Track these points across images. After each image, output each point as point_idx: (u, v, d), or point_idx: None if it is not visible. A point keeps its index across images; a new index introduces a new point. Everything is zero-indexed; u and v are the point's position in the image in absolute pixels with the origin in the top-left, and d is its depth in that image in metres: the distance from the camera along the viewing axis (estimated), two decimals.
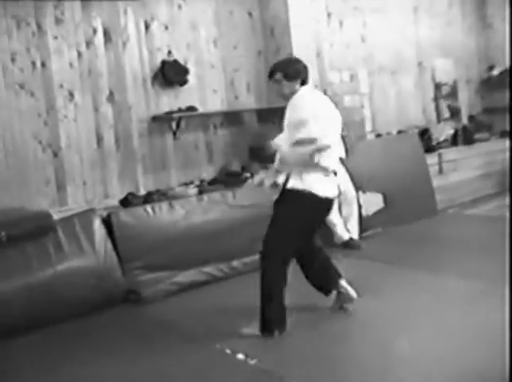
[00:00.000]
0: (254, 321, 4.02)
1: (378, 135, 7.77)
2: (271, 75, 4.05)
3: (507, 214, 6.64)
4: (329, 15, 7.25)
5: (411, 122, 8.26)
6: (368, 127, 7.71)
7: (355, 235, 6.29)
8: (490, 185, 8.21)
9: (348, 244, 6.13)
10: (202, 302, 4.93)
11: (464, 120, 8.94)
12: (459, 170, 7.85)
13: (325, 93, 6.83)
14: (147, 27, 6.14)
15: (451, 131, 8.34)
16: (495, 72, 9.20)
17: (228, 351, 3.78)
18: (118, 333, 4.44)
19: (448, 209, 7.41)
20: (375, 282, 4.88)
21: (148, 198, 5.66)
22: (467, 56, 9.18)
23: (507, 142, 8.52)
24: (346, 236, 6.16)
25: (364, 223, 6.45)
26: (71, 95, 5.72)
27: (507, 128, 8.72)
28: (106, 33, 5.90)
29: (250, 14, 6.85)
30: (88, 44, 5.80)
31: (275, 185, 4.16)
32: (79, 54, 5.75)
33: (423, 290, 4.63)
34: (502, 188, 8.25)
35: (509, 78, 7.00)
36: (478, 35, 9.36)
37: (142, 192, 6.02)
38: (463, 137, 8.27)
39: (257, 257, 5.54)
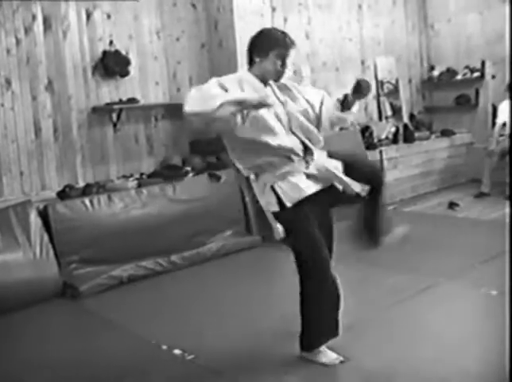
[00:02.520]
0: None
1: None
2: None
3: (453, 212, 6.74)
4: (274, 10, 7.24)
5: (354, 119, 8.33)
6: None
7: None
8: (430, 183, 8.36)
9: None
10: (140, 296, 4.87)
11: (405, 118, 9.07)
12: (400, 168, 7.96)
13: None
14: (89, 16, 6.01)
15: (393, 129, 8.45)
16: (436, 73, 9.36)
17: (165, 347, 3.74)
18: (52, 326, 4.37)
19: (389, 206, 7.51)
20: None
21: (86, 190, 5.55)
22: (409, 56, 9.32)
23: (447, 141, 8.70)
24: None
25: None
26: (8, 83, 5.55)
27: (447, 127, 8.92)
28: (45, 21, 5.74)
29: (194, 6, 6.77)
30: (27, 30, 5.64)
31: None
32: (18, 41, 5.59)
33: (369, 284, 4.68)
34: (441, 185, 8.42)
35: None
36: (420, 35, 9.50)
37: (81, 184, 5.90)
38: (404, 135, 8.38)
39: (196, 251, 5.56)
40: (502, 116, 7.90)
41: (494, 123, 8.11)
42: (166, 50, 6.61)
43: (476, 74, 8.85)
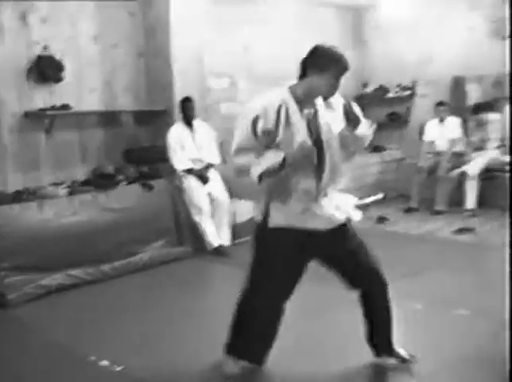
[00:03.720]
0: None
1: None
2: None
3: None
4: (213, 21, 7.27)
5: None
6: None
7: (227, 242, 6.33)
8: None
9: (218, 251, 6.17)
10: (68, 306, 4.82)
11: None
12: None
13: (204, 99, 6.91)
14: (24, 19, 5.91)
15: None
16: (369, 90, 9.57)
17: (93, 358, 3.70)
18: None
19: None
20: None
21: (16, 197, 5.43)
22: None
23: (378, 157, 8.91)
24: (216, 243, 6.20)
25: (237, 230, 6.50)
26: None
27: (379, 143, 9.12)
28: None
29: (131, 13, 6.74)
30: None
31: None
32: None
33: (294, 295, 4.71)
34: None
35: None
36: (354, 51, 9.70)
37: (11, 190, 5.77)
38: None
39: (126, 261, 5.52)
40: (430, 134, 8.17)
41: (422, 141, 8.35)
42: (102, 57, 6.55)
43: (407, 92, 9.11)
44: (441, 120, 8.07)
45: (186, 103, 6.24)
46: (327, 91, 3.14)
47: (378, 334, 3.44)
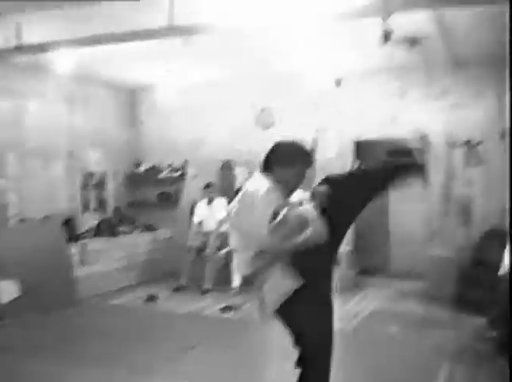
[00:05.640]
0: None
1: (22, 220, 7.58)
2: None
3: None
4: None
5: (58, 209, 8.23)
6: (13, 211, 7.51)
7: None
8: (132, 276, 8.48)
9: None
10: None
11: (110, 212, 9.21)
12: (102, 261, 7.98)
13: None
14: None
15: (96, 222, 8.52)
16: (142, 168, 9.72)
17: None
18: None
19: (91, 299, 7.44)
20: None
21: None
22: (117, 150, 9.56)
23: (149, 236, 8.99)
24: None
25: None
26: None
27: (150, 222, 9.24)
28: None
29: None
30: None
31: None
32: None
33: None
34: (142, 279, 8.58)
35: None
36: (129, 131, 9.84)
37: None
38: (108, 228, 8.48)
39: None
40: (199, 214, 8.41)
41: (192, 221, 8.58)
42: None
43: (178, 173, 9.38)
44: (210, 201, 8.36)
45: None
46: (294, 185, 3.26)
47: None
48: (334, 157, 8.32)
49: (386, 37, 4.94)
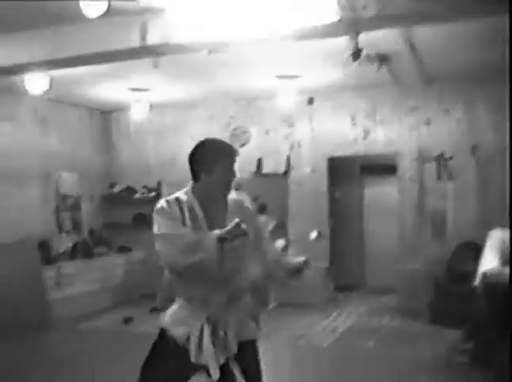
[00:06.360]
0: None
1: None
2: None
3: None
4: None
5: (32, 231, 8.14)
6: None
7: None
8: (107, 298, 8.42)
9: None
10: None
11: (85, 233, 9.14)
12: (78, 283, 7.92)
13: None
14: None
15: (71, 244, 8.45)
16: (116, 190, 9.67)
17: None
18: None
19: (66, 322, 7.37)
20: None
21: None
22: (91, 172, 9.51)
23: (124, 257, 8.94)
24: None
25: None
26: None
27: (125, 243, 9.19)
28: None
29: None
30: None
31: None
32: None
33: None
34: (118, 300, 8.53)
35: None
36: (104, 152, 9.81)
37: None
38: (83, 250, 8.43)
39: None
40: None
41: None
42: None
43: (153, 193, 9.34)
44: None
45: None
46: (225, 184, 3.07)
47: None
48: (309, 172, 8.40)
49: (356, 54, 5.02)
